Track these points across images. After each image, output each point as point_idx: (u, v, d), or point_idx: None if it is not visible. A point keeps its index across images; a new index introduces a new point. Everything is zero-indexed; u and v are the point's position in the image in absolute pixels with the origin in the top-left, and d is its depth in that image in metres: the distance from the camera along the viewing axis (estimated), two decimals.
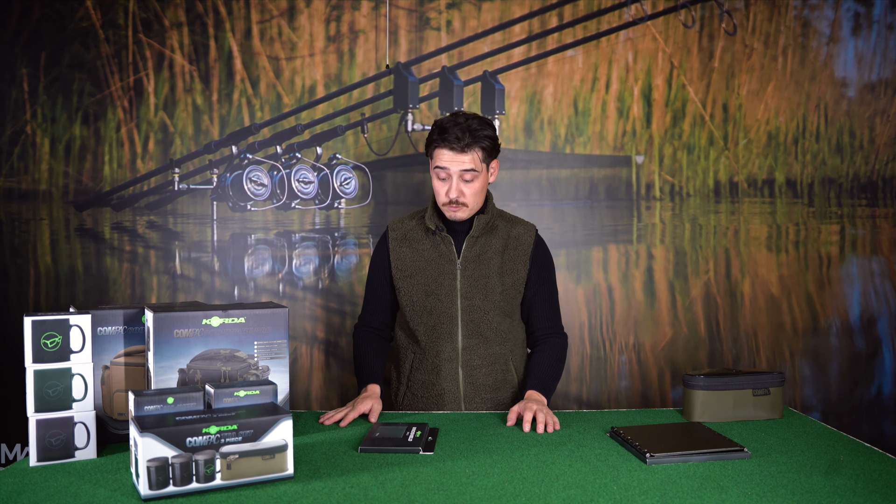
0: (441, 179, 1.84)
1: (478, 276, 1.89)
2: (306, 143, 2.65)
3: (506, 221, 1.97)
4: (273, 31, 2.64)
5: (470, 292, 1.89)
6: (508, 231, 1.94)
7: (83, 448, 1.39)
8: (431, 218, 1.91)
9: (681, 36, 2.71)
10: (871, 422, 2.76)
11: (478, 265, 1.90)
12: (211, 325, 1.49)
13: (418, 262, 1.92)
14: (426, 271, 1.90)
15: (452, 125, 1.80)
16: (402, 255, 1.93)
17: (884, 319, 2.78)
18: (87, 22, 2.60)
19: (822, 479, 1.30)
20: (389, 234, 1.97)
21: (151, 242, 2.65)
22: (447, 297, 1.89)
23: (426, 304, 1.90)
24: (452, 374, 1.90)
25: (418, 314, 1.91)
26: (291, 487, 1.25)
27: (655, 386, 2.72)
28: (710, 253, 2.75)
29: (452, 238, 1.91)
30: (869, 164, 2.79)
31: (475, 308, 1.89)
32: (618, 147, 2.72)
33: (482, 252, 1.90)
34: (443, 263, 1.90)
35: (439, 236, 1.91)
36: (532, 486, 1.26)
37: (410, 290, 1.91)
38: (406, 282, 1.92)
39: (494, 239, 1.92)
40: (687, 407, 1.73)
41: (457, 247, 1.91)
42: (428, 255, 1.91)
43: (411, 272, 1.92)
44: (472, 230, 1.89)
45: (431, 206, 1.93)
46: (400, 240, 1.95)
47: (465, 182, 1.82)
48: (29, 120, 2.60)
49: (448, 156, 1.81)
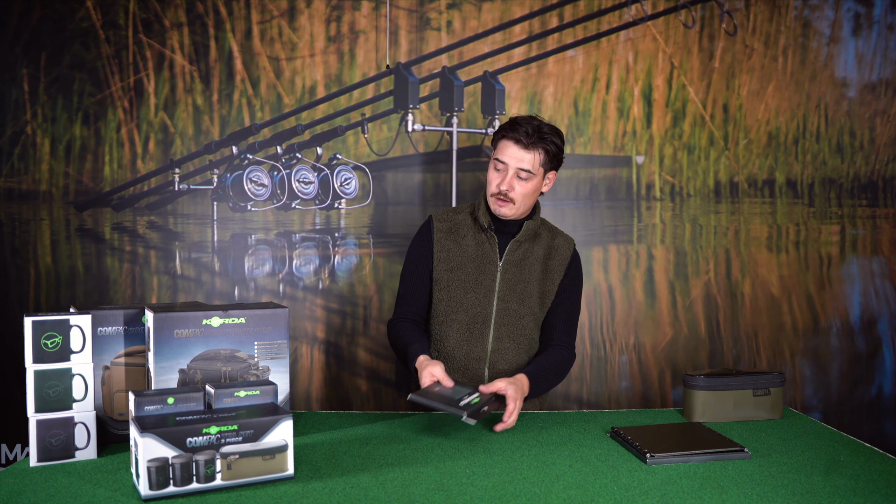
0: (497, 170, 1.84)
1: (517, 280, 1.88)
2: (306, 144, 2.65)
3: (549, 231, 1.96)
4: (273, 32, 2.65)
5: (507, 295, 1.87)
6: (551, 241, 1.93)
7: (83, 448, 1.39)
8: (486, 214, 1.89)
9: (681, 36, 2.71)
10: (871, 422, 2.76)
11: (519, 269, 1.89)
12: (211, 325, 1.49)
13: (462, 257, 1.89)
14: (468, 268, 1.89)
15: (526, 122, 1.81)
16: (447, 247, 1.91)
17: (884, 320, 2.78)
18: (87, 22, 2.60)
19: (822, 479, 1.30)
20: (435, 225, 1.93)
21: (152, 243, 2.65)
22: (484, 297, 1.87)
23: (463, 301, 1.88)
24: (479, 374, 1.88)
25: (454, 310, 1.89)
26: (292, 487, 1.25)
27: (656, 386, 2.72)
28: (710, 253, 2.75)
29: (497, 239, 1.90)
30: (869, 164, 2.79)
31: (510, 311, 1.87)
32: (618, 147, 2.72)
33: (524, 257, 1.90)
34: (485, 263, 1.89)
35: (486, 235, 1.89)
36: (532, 487, 1.26)
37: (450, 285, 1.89)
38: (447, 275, 1.89)
39: (537, 246, 1.91)
40: (687, 407, 1.73)
41: (500, 249, 1.90)
42: (472, 252, 1.90)
43: (454, 266, 1.89)
44: (519, 234, 1.88)
45: (484, 203, 1.91)
46: (446, 231, 1.92)
47: (518, 179, 1.82)
48: (29, 120, 2.60)
49: (511, 150, 1.81)
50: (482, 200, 1.93)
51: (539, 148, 1.81)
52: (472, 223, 1.92)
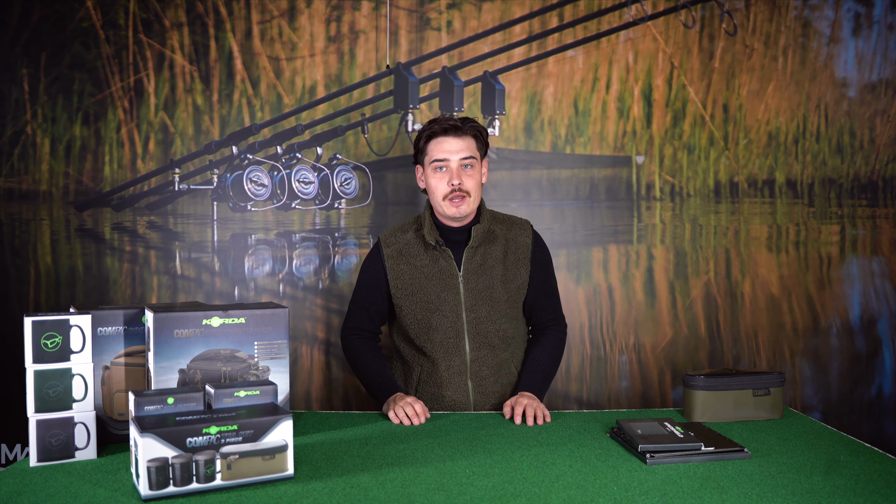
0: (439, 172, 1.81)
1: (481, 287, 1.85)
2: (307, 144, 2.65)
3: (501, 224, 1.92)
4: (273, 32, 2.65)
5: (475, 305, 1.85)
6: (506, 235, 1.90)
7: (83, 448, 1.39)
8: (431, 232, 1.85)
9: (681, 36, 2.71)
10: (871, 422, 2.76)
11: (480, 276, 1.85)
12: (211, 325, 1.49)
13: (418, 278, 1.86)
14: (427, 288, 1.85)
15: (442, 118, 1.84)
16: (400, 272, 1.87)
17: (884, 320, 2.78)
18: (87, 22, 2.60)
19: (822, 479, 1.30)
20: (383, 250, 1.90)
21: (152, 243, 2.65)
22: (452, 312, 1.84)
23: (430, 320, 1.85)
24: (462, 385, 1.87)
25: (423, 331, 1.87)
26: (292, 487, 1.25)
27: (656, 386, 2.72)
28: (710, 253, 2.75)
29: (451, 250, 1.86)
30: (869, 164, 2.79)
31: (481, 319, 1.85)
32: (618, 147, 2.72)
33: (483, 262, 1.86)
34: (444, 278, 1.85)
35: (438, 251, 1.85)
36: (532, 487, 1.26)
37: (413, 308, 1.86)
38: (407, 300, 1.87)
39: (494, 247, 1.88)
40: (687, 407, 1.73)
41: (456, 259, 1.86)
42: (428, 272, 1.86)
43: (412, 290, 1.86)
44: (470, 241, 1.84)
45: (429, 219, 1.87)
46: (396, 256, 1.88)
47: (464, 170, 1.81)
48: (29, 120, 2.60)
49: (446, 143, 1.80)
50: (426, 216, 1.88)
51: (469, 133, 1.82)
52: (422, 243, 1.87)
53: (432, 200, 1.86)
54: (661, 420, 1.55)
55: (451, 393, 1.87)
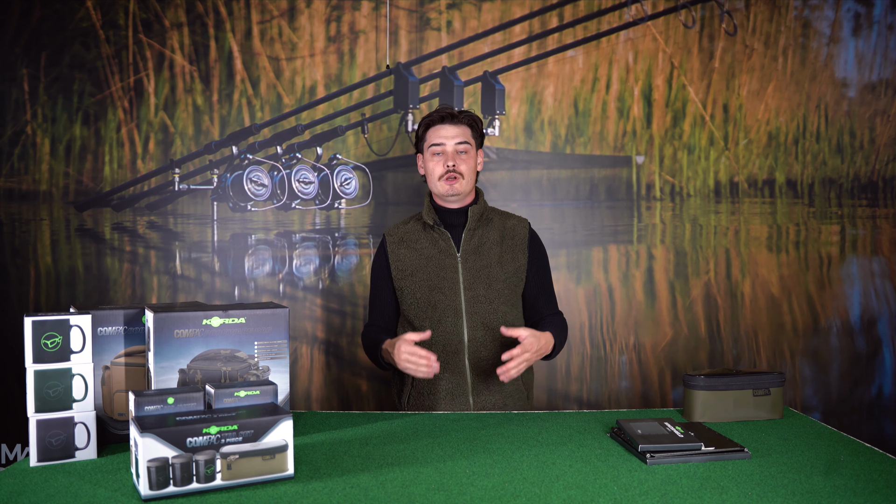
0: (436, 156, 1.93)
1: (479, 266, 1.92)
2: (307, 144, 2.65)
3: (499, 215, 2.02)
4: (273, 32, 2.65)
5: (473, 283, 1.91)
6: (504, 223, 2.00)
7: (83, 448, 1.39)
8: (429, 213, 1.95)
9: (681, 36, 2.71)
10: (871, 422, 2.76)
11: (478, 256, 1.93)
12: (211, 325, 1.49)
13: (419, 259, 1.95)
14: (427, 268, 1.93)
15: (440, 109, 1.96)
16: (401, 256, 1.97)
17: (884, 320, 2.78)
18: (87, 22, 2.60)
19: (822, 479, 1.30)
20: (387, 240, 2.01)
21: (152, 243, 2.65)
22: (450, 290, 1.91)
23: (430, 298, 1.91)
24: (460, 366, 1.89)
25: (423, 310, 1.93)
26: (292, 487, 1.25)
27: (656, 386, 2.72)
28: (710, 253, 2.75)
29: (450, 233, 1.95)
30: (869, 164, 2.79)
31: (479, 298, 1.91)
32: (618, 147, 2.72)
33: (481, 243, 1.95)
34: (443, 258, 1.93)
35: (437, 232, 1.94)
36: (532, 487, 1.26)
37: (413, 288, 1.93)
38: (408, 281, 1.94)
39: (491, 230, 1.97)
40: (687, 407, 1.73)
41: (455, 241, 1.95)
42: (428, 252, 1.95)
43: (412, 270, 1.94)
44: (468, 222, 1.94)
45: (428, 202, 1.98)
46: (398, 243, 1.99)
47: (459, 155, 1.92)
48: (29, 120, 2.60)
49: (443, 130, 1.92)
50: (426, 202, 2.00)
51: (464, 121, 1.94)
52: (422, 227, 1.99)
53: (430, 183, 1.96)
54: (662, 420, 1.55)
55: (449, 374, 1.90)
